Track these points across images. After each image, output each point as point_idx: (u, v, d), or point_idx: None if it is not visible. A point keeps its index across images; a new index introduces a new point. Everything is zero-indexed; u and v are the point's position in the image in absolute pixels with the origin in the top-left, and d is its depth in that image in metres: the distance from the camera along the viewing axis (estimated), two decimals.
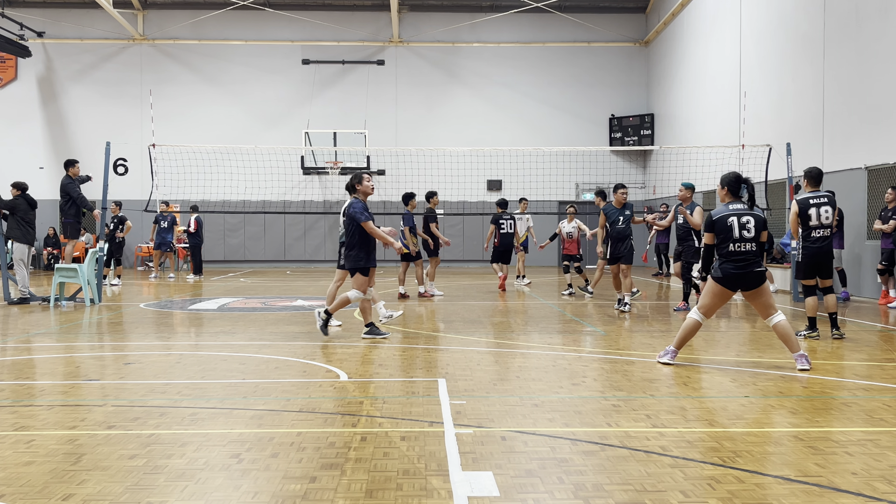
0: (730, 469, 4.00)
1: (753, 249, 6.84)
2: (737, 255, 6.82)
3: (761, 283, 6.87)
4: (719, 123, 20.28)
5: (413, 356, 7.69)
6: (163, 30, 26.50)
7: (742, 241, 6.82)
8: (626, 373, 6.74)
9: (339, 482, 3.81)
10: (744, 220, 6.86)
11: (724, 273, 6.85)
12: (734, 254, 6.83)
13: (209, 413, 5.29)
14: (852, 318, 10.86)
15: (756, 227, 6.85)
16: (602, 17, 26.95)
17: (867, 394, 5.87)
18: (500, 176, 25.41)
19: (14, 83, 26.43)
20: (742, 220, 6.85)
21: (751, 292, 6.92)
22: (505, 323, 10.59)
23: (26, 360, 7.66)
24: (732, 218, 6.87)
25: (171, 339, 9.29)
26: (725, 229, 6.87)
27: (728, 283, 6.88)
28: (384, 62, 26.78)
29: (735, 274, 6.82)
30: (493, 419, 5.04)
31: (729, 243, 6.84)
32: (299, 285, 17.84)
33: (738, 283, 6.85)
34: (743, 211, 6.91)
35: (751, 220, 6.86)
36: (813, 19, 15.52)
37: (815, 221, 8.55)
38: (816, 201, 8.61)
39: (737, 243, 6.82)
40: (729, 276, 6.84)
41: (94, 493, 3.65)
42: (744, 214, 6.88)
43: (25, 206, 13.18)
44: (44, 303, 12.94)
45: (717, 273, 6.91)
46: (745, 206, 6.97)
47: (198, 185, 21.60)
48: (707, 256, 7.07)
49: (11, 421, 5.05)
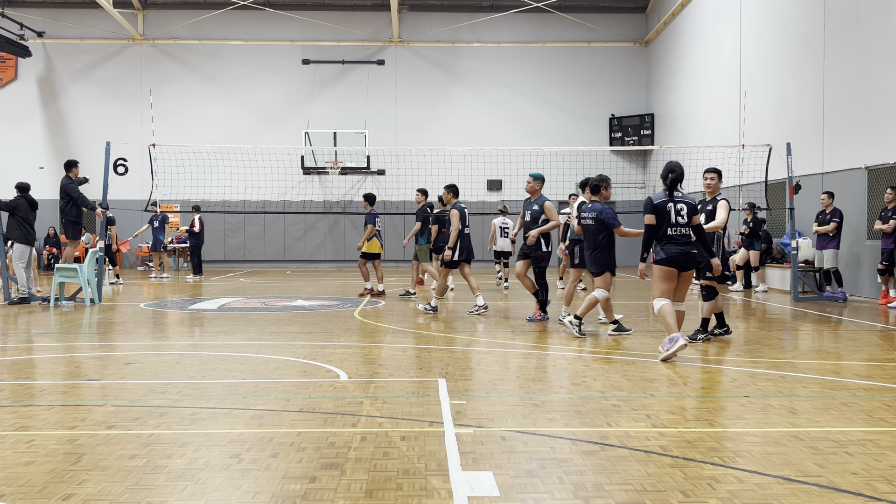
0: (730, 469, 4.00)
1: (689, 233, 7.57)
2: (676, 238, 7.54)
3: (695, 265, 7.68)
4: (719, 123, 20.28)
5: (413, 356, 7.69)
6: (163, 30, 26.50)
7: (678, 225, 7.54)
8: (626, 373, 6.74)
9: (339, 482, 3.81)
10: (679, 206, 7.58)
11: (668, 254, 7.51)
12: (673, 237, 7.54)
13: (209, 413, 5.29)
14: (852, 318, 10.86)
15: (688, 213, 7.57)
16: (602, 17, 26.95)
17: (867, 394, 5.87)
18: (500, 176, 25.40)
19: (14, 83, 26.42)
20: (678, 207, 7.58)
21: (686, 273, 7.63)
22: (505, 323, 10.59)
23: (26, 360, 7.66)
24: (670, 204, 7.59)
25: (171, 339, 9.29)
26: (664, 214, 7.55)
27: (672, 263, 7.52)
28: (384, 62, 26.78)
29: (678, 252, 7.50)
30: (493, 419, 5.04)
31: (667, 227, 7.54)
32: (299, 285, 17.84)
33: (680, 262, 7.52)
34: (678, 199, 7.62)
35: (684, 207, 7.59)
36: (813, 19, 15.52)
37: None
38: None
39: (673, 227, 7.54)
40: (673, 256, 7.50)
41: (94, 493, 3.65)
42: (679, 202, 7.60)
43: (26, 207, 13.18)
44: (44, 303, 12.94)
45: (661, 255, 7.55)
46: (681, 195, 7.67)
47: (198, 185, 21.61)
48: (648, 238, 7.64)
49: (11, 421, 5.05)
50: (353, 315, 11.28)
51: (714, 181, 8.64)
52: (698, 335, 8.47)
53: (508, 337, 9.10)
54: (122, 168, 26.23)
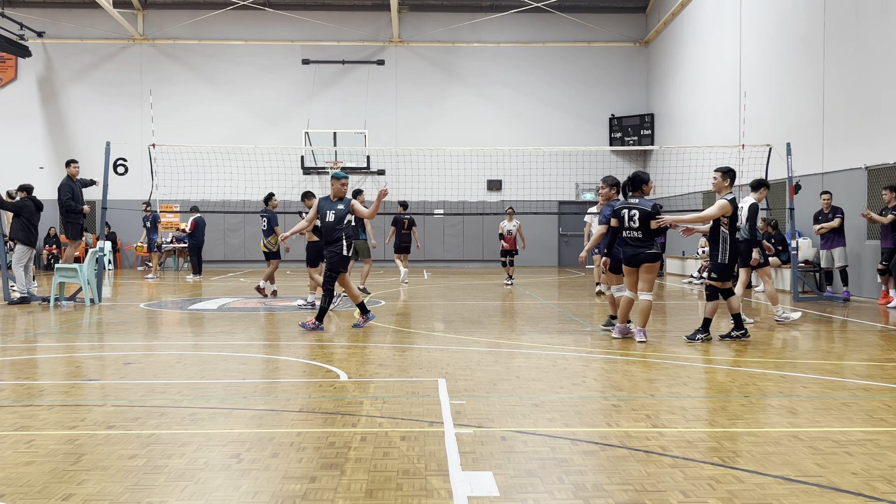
0: (730, 469, 4.00)
1: (640, 236, 8.31)
2: (630, 240, 8.40)
3: (644, 261, 8.34)
4: (719, 123, 20.27)
5: (413, 356, 7.68)
6: (163, 30, 26.49)
7: (630, 229, 8.36)
8: (626, 373, 6.74)
9: (339, 482, 3.81)
10: (632, 212, 8.37)
11: (622, 254, 8.54)
12: (627, 239, 8.42)
13: (209, 413, 5.29)
14: (852, 319, 10.86)
15: (640, 217, 8.28)
16: (602, 17, 26.95)
17: (867, 394, 5.87)
18: (500, 176, 25.41)
19: (14, 83, 26.42)
20: (631, 213, 8.37)
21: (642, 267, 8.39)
22: (505, 323, 10.58)
23: (26, 360, 7.66)
24: (625, 210, 8.44)
25: (171, 339, 9.29)
26: (621, 219, 8.46)
27: (626, 262, 8.49)
28: (384, 62, 26.77)
29: (629, 254, 8.40)
30: (493, 419, 5.04)
31: (622, 231, 8.46)
32: (299, 285, 17.83)
33: (632, 261, 8.41)
34: (632, 205, 8.41)
35: (636, 213, 8.33)
36: (813, 19, 15.52)
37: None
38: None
39: (627, 231, 8.40)
40: (626, 256, 8.46)
41: (94, 493, 3.65)
42: (632, 208, 8.39)
43: (32, 208, 13.18)
44: (44, 303, 12.94)
45: (620, 254, 8.68)
46: (637, 201, 8.40)
47: (198, 185, 21.59)
48: (612, 238, 8.74)
49: (11, 421, 5.05)
50: (353, 315, 11.27)
51: (717, 180, 8.63)
52: (697, 335, 8.46)
53: (508, 337, 9.10)
54: (122, 168, 26.23)
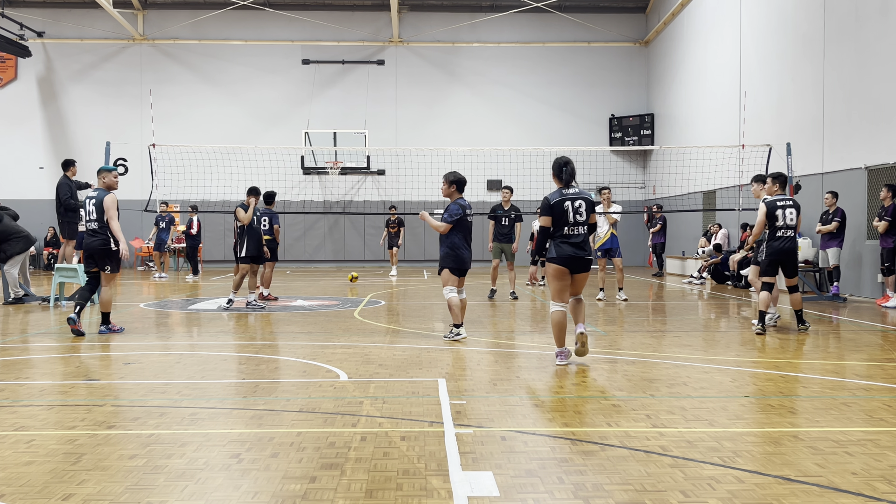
0: (730, 469, 4.00)
1: (585, 232, 7.15)
2: (573, 238, 7.10)
3: (589, 268, 7.21)
4: (719, 123, 20.28)
5: (413, 356, 7.68)
6: (163, 30, 26.49)
7: (576, 224, 7.11)
8: (626, 373, 6.74)
9: (339, 482, 3.81)
10: (577, 203, 7.12)
11: (561, 254, 7.08)
12: (569, 236, 7.10)
13: (209, 413, 5.28)
14: (853, 319, 10.86)
15: (586, 209, 7.14)
16: (602, 17, 26.95)
17: (867, 394, 5.87)
18: (500, 176, 25.39)
19: (14, 83, 26.42)
20: (575, 205, 7.11)
21: (579, 275, 7.18)
22: (505, 323, 10.59)
23: (26, 360, 7.65)
24: (567, 202, 7.11)
25: (170, 338, 9.29)
26: (562, 213, 7.09)
27: (565, 263, 7.09)
28: (384, 62, 26.78)
29: (571, 255, 7.06)
30: (493, 419, 5.04)
31: (564, 227, 7.10)
32: (299, 285, 17.83)
33: (574, 263, 7.09)
34: (576, 195, 7.15)
35: (582, 203, 7.13)
36: (813, 19, 15.52)
37: (781, 222, 9.28)
38: (783, 203, 9.34)
39: (571, 227, 7.10)
40: (566, 257, 7.07)
41: (94, 493, 3.65)
42: (577, 199, 7.13)
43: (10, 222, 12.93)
44: (43, 303, 12.93)
45: (553, 254, 7.13)
46: (577, 191, 7.20)
47: (198, 185, 21.59)
48: (542, 239, 7.23)
49: (11, 421, 5.05)
50: (353, 315, 11.27)
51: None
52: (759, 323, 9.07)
53: (508, 337, 9.10)
54: (122, 168, 26.22)
